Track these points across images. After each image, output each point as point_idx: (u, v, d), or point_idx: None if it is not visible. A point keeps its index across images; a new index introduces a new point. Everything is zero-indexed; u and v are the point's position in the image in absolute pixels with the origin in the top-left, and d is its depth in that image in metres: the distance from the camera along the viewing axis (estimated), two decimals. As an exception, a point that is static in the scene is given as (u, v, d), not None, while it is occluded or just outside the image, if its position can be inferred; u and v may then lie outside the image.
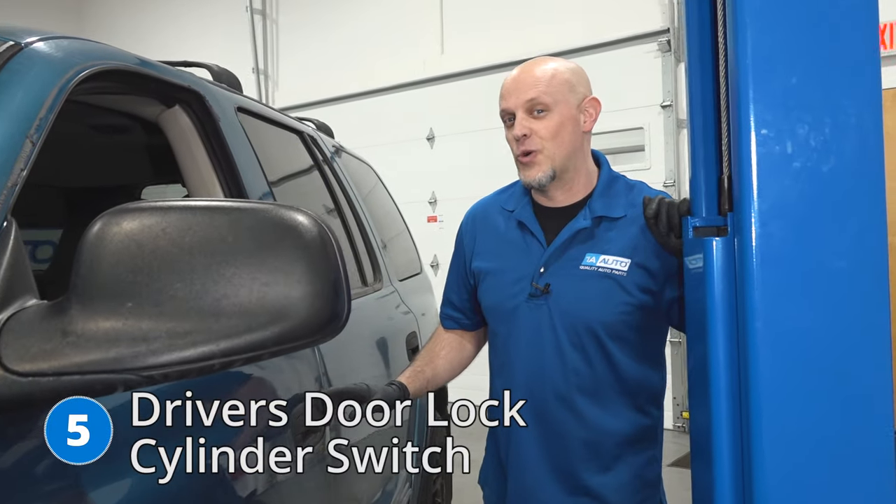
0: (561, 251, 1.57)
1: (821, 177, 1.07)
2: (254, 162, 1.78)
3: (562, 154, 1.55)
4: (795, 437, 1.07)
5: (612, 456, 1.56)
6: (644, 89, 6.03)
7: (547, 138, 1.53)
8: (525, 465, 1.59)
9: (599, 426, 1.55)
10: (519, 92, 1.54)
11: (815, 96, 1.07)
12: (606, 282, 1.52)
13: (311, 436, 1.56)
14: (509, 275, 1.62)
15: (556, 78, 1.55)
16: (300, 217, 0.86)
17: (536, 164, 1.54)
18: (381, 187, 3.53)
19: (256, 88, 8.69)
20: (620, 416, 1.56)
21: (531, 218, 1.62)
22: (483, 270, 1.68)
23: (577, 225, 1.56)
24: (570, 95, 1.57)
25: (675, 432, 5.88)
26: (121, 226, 0.81)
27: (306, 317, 0.82)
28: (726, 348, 1.14)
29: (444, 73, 7.17)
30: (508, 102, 1.56)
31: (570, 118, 1.56)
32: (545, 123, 1.53)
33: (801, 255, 1.08)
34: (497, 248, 1.67)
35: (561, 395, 1.55)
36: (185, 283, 0.80)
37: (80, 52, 1.22)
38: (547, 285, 1.55)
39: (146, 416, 1.02)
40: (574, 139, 1.57)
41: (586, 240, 1.56)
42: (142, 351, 0.77)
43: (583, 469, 1.55)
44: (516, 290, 1.59)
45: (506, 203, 1.70)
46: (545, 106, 1.53)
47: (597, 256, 1.53)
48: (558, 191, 1.60)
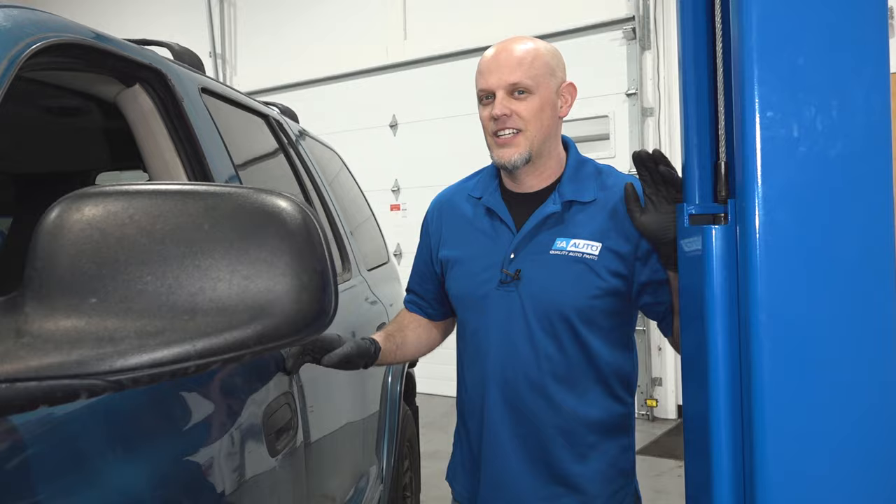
0: (531, 236, 1.54)
1: (828, 162, 1.02)
2: (220, 146, 1.68)
3: (540, 137, 1.52)
4: (799, 432, 1.03)
5: (587, 444, 1.53)
6: (609, 77, 6.01)
7: (528, 119, 1.50)
8: (499, 455, 1.55)
9: (574, 413, 1.52)
10: (501, 71, 1.50)
11: (822, 77, 1.02)
12: (578, 266, 1.49)
13: (284, 435, 1.49)
14: (478, 262, 1.58)
15: (537, 60, 1.52)
16: (283, 203, 0.78)
17: (514, 144, 1.51)
18: (346, 173, 3.44)
19: (214, 73, 8.47)
20: (594, 404, 1.54)
21: (500, 204, 1.59)
22: (450, 259, 1.65)
23: (547, 209, 1.53)
24: (550, 79, 1.54)
25: (640, 420, 5.90)
26: (82, 212, 0.73)
27: (291, 313, 0.74)
28: (726, 339, 1.09)
29: (408, 60, 7.07)
30: (489, 81, 1.52)
31: (549, 102, 1.53)
32: (526, 105, 1.50)
33: (807, 244, 1.03)
34: (465, 236, 1.63)
35: (534, 382, 1.52)
36: (156, 276, 0.72)
37: (31, 23, 1.12)
38: (517, 271, 1.52)
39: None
40: (552, 123, 1.55)
41: (556, 224, 1.53)
42: (108, 353, 0.68)
43: (558, 458, 1.53)
44: (486, 278, 1.56)
45: (472, 190, 1.66)
46: (527, 88, 1.50)
47: (567, 241, 1.51)
48: (529, 175, 1.57)
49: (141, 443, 1.06)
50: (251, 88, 8.22)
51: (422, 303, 1.78)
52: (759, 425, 1.03)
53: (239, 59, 8.53)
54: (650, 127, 5.93)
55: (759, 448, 1.03)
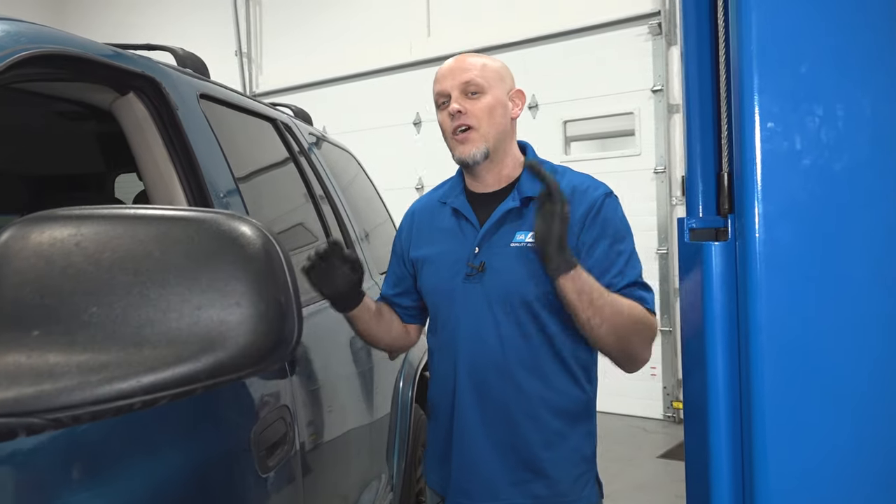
0: (493, 231, 1.64)
1: (833, 176, 0.96)
2: (217, 153, 1.66)
3: (494, 133, 1.64)
4: (802, 463, 0.97)
5: (552, 430, 1.61)
6: (634, 73, 5.91)
7: (481, 117, 1.62)
8: (469, 441, 1.64)
9: (539, 398, 1.60)
10: (454, 75, 1.65)
11: (826, 86, 0.95)
12: (535, 256, 1.55)
13: (279, 450, 1.46)
14: (447, 258, 1.69)
15: (486, 68, 1.67)
16: (242, 227, 0.74)
17: (471, 140, 1.63)
18: (362, 176, 3.41)
19: (240, 72, 8.51)
20: (558, 390, 1.62)
21: (465, 204, 1.71)
22: (421, 258, 1.77)
23: (507, 205, 1.64)
24: (500, 83, 1.68)
25: (664, 422, 5.81)
26: (27, 239, 0.69)
27: (246, 344, 0.70)
28: (726, 363, 1.03)
29: (431, 57, 7.01)
30: (444, 85, 1.66)
31: (501, 103, 1.66)
32: (479, 104, 1.63)
33: (811, 263, 0.97)
34: (434, 236, 1.76)
35: (501, 368, 1.60)
36: (103, 307, 0.68)
37: (7, 36, 1.09)
38: (482, 264, 1.63)
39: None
40: (504, 121, 1.67)
41: (516, 219, 1.64)
42: (46, 390, 0.65)
43: (525, 443, 1.61)
44: (454, 272, 1.67)
45: (441, 197, 1.79)
46: (479, 88, 1.63)
47: (525, 234, 1.60)
48: (489, 173, 1.69)
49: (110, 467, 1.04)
50: (276, 87, 8.24)
51: (391, 304, 1.88)
52: (760, 456, 0.98)
53: (264, 57, 8.56)
54: (677, 123, 5.81)
55: (759, 480, 0.98)
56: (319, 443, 1.74)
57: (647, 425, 5.79)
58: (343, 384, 2.06)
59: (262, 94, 8.46)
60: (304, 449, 1.61)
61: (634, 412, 5.96)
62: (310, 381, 1.78)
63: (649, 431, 5.65)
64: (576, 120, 6.29)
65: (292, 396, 1.60)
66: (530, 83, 6.44)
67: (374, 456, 2.32)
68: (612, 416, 6.03)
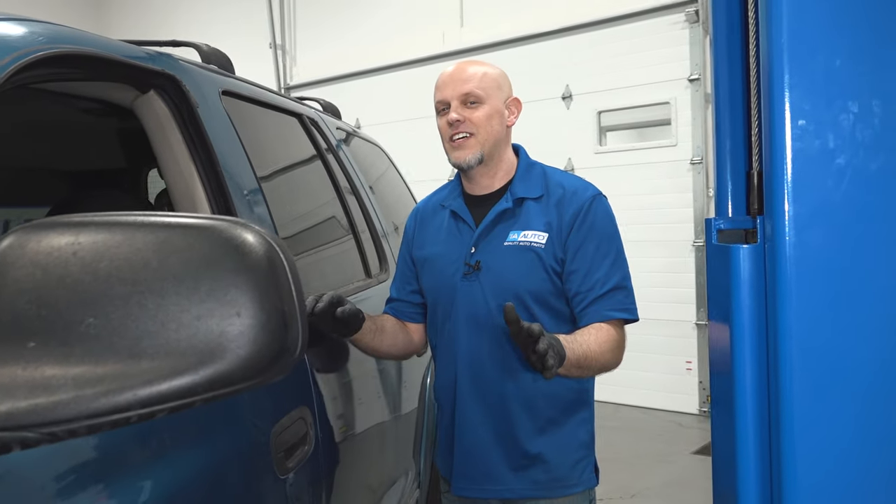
0: (488, 231, 1.75)
1: (868, 176, 0.91)
2: (238, 150, 1.65)
3: (490, 140, 1.74)
4: (832, 475, 0.92)
5: (547, 418, 1.71)
6: (670, 62, 5.80)
7: (479, 125, 1.72)
8: (470, 429, 1.73)
9: (534, 389, 1.69)
10: (455, 84, 1.74)
11: (862, 82, 0.90)
12: (528, 254, 1.70)
13: (299, 450, 1.45)
14: (446, 258, 1.79)
15: (486, 77, 1.75)
16: (244, 234, 0.72)
17: (468, 146, 1.73)
18: (392, 170, 3.39)
19: (274, 64, 8.55)
20: (552, 380, 1.60)
21: (462, 206, 1.81)
22: (423, 258, 1.87)
23: (501, 206, 1.75)
24: (498, 92, 1.77)
25: (700, 417, 5.72)
26: (25, 248, 0.68)
27: (246, 355, 0.68)
28: (754, 373, 0.99)
29: (464, 47, 6.96)
30: (444, 93, 1.76)
31: (498, 111, 1.76)
32: (477, 113, 1.72)
33: (844, 268, 0.92)
34: (434, 237, 1.86)
35: (498, 359, 1.70)
36: (100, 318, 0.67)
37: (20, 38, 1.09)
38: (478, 262, 1.73)
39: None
40: (500, 129, 1.77)
41: (510, 219, 1.74)
42: (41, 403, 0.63)
43: (522, 430, 1.70)
44: (452, 271, 1.76)
45: (441, 200, 1.90)
46: (478, 98, 1.73)
47: (518, 232, 1.72)
48: (484, 176, 1.79)
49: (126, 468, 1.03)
50: (310, 79, 8.27)
51: (399, 305, 1.94)
52: (789, 462, 0.93)
53: (298, 49, 8.58)
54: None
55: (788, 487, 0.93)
56: (342, 442, 1.73)
57: (683, 420, 5.70)
58: (367, 381, 2.05)
59: (296, 86, 8.49)
60: (326, 449, 1.59)
61: (669, 407, 5.88)
62: (332, 379, 1.77)
63: (684, 427, 5.57)
64: (611, 110, 6.20)
65: (314, 396, 1.59)
66: (564, 73, 6.36)
67: (401, 453, 2.30)
68: (646, 410, 5.96)
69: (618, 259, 1.69)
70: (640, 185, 5.88)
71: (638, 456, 4.89)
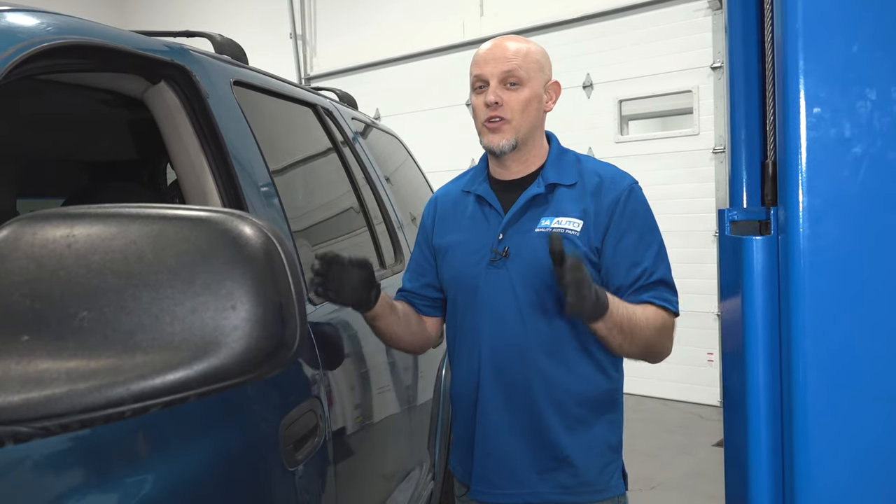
0: (517, 217, 1.63)
1: (886, 165, 0.88)
2: (249, 141, 1.64)
3: (526, 126, 1.63)
4: (848, 477, 0.90)
5: (574, 417, 1.60)
6: (693, 50, 5.72)
7: (517, 110, 1.61)
8: (492, 429, 1.62)
9: (562, 386, 1.59)
10: (497, 62, 1.61)
11: (880, 68, 0.87)
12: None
13: (308, 443, 1.44)
14: (470, 245, 1.68)
15: (529, 56, 1.63)
16: (242, 226, 0.70)
17: (502, 131, 1.61)
18: (409, 161, 3.37)
19: (294, 55, 8.55)
20: (581, 376, 1.61)
21: (489, 191, 1.69)
22: (444, 245, 1.75)
23: (533, 191, 1.64)
24: (539, 75, 1.65)
25: (721, 409, 5.65)
26: (20, 241, 0.67)
27: (242, 350, 0.67)
28: (767, 368, 0.96)
29: (484, 36, 6.89)
30: (483, 70, 1.63)
31: (537, 96, 1.64)
32: (517, 96, 1.61)
33: (860, 261, 0.89)
34: (457, 224, 1.74)
35: (524, 355, 1.59)
36: (94, 311, 0.66)
37: (26, 28, 1.08)
38: (506, 249, 1.61)
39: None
40: (537, 115, 1.66)
41: (541, 205, 1.63)
42: (34, 398, 0.63)
43: (549, 431, 1.59)
44: (477, 259, 1.65)
45: (465, 186, 1.78)
46: (519, 80, 1.61)
47: (551, 219, 1.61)
48: (515, 161, 1.68)
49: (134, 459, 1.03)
50: (330, 69, 8.27)
51: (410, 296, 1.83)
52: (802, 460, 0.91)
53: (318, 39, 8.58)
54: (737, 102, 5.60)
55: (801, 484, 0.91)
56: (353, 434, 1.72)
57: (703, 412, 5.66)
58: (379, 373, 2.04)
59: (316, 76, 8.49)
60: (336, 442, 1.59)
61: (690, 398, 5.83)
62: (344, 371, 1.76)
63: (705, 419, 5.52)
64: (632, 99, 6.13)
65: (325, 388, 1.58)
66: (584, 62, 6.30)
67: (415, 444, 2.30)
68: (666, 402, 5.91)
69: (661, 252, 1.61)
70: (662, 174, 5.81)
71: (658, 447, 4.85)
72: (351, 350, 1.84)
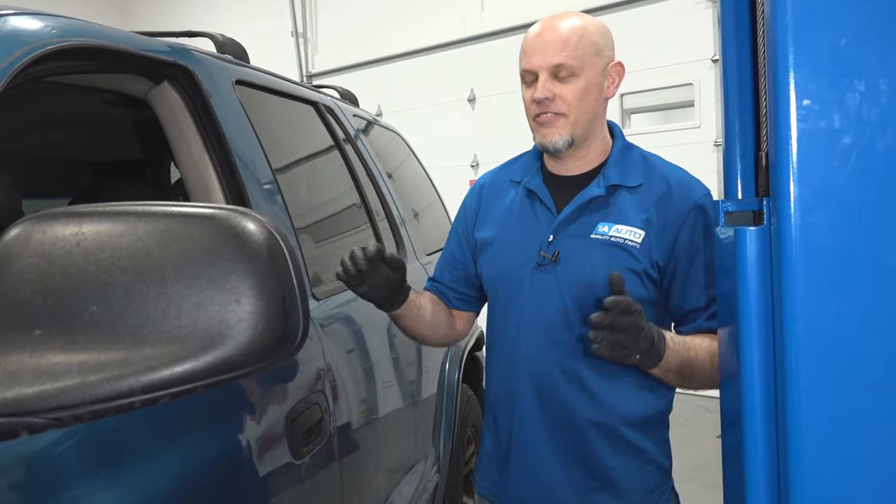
0: (572, 219, 1.47)
1: (875, 156, 0.89)
2: (252, 139, 1.66)
3: (584, 120, 1.46)
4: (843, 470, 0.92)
5: (621, 437, 1.45)
6: (693, 43, 5.72)
7: (572, 103, 1.43)
8: (531, 447, 1.48)
9: (609, 405, 1.44)
10: (546, 52, 1.43)
11: (869, 60, 0.89)
12: (619, 252, 1.42)
13: (314, 436, 1.47)
14: (515, 244, 1.52)
15: (584, 39, 1.43)
16: (245, 223, 0.73)
17: (557, 126, 1.45)
18: (411, 157, 3.39)
19: (296, 52, 8.57)
20: (630, 396, 1.46)
21: (541, 186, 1.53)
22: (486, 240, 1.59)
23: (591, 193, 1.47)
24: (597, 59, 1.46)
25: (726, 401, 5.67)
26: (30, 239, 0.70)
27: (246, 342, 0.70)
28: (761, 359, 0.98)
29: (485, 32, 6.93)
30: (532, 62, 1.45)
31: (595, 84, 1.45)
32: (570, 88, 1.43)
33: (850, 250, 0.91)
34: (503, 218, 1.58)
35: (569, 370, 1.44)
36: (103, 306, 0.68)
37: (32, 32, 1.10)
38: (556, 253, 1.45)
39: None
40: (597, 105, 1.48)
41: (599, 209, 1.46)
42: (47, 390, 0.65)
43: (592, 451, 1.45)
44: (523, 260, 1.49)
45: (514, 174, 1.61)
46: (572, 70, 1.42)
47: (610, 226, 1.44)
48: (572, 158, 1.52)
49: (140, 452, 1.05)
50: (331, 66, 8.29)
51: (441, 288, 1.71)
52: (796, 451, 0.93)
53: (320, 37, 8.60)
54: (738, 94, 5.61)
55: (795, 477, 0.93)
56: (359, 427, 1.75)
57: (709, 404, 5.67)
58: (384, 367, 2.06)
59: (317, 73, 8.51)
60: (342, 434, 1.61)
61: (695, 391, 5.83)
62: (349, 365, 1.79)
63: (710, 411, 5.53)
64: (633, 92, 6.14)
65: (329, 382, 1.61)
66: (586, 56, 6.30)
67: (419, 438, 2.32)
68: (671, 394, 5.92)
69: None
70: (664, 167, 5.82)
71: (662, 440, 4.87)
72: (356, 344, 1.86)
